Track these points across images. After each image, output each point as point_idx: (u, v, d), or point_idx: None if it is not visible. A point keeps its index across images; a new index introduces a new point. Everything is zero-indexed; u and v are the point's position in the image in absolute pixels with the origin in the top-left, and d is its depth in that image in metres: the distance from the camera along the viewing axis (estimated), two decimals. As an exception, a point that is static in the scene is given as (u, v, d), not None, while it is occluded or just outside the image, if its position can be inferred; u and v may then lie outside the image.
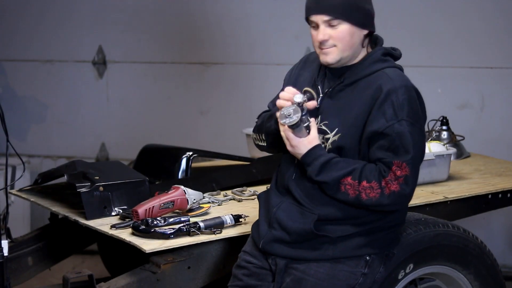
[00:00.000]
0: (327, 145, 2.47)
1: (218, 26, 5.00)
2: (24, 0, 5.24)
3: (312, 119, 2.45)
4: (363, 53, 2.51)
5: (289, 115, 2.39)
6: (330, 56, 2.46)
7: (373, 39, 2.55)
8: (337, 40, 2.44)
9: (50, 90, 5.29)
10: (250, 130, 4.23)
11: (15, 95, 5.31)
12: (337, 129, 2.46)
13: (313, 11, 2.45)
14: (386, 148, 2.38)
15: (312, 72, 2.60)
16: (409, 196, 2.42)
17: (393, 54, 2.54)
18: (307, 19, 2.50)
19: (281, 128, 2.46)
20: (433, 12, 4.69)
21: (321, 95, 2.52)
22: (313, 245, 2.49)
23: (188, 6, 5.05)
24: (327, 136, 2.47)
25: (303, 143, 2.43)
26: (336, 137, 2.45)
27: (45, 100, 5.30)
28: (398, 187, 2.36)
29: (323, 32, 2.43)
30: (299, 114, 2.38)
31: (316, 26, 2.46)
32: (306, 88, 2.47)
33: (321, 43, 2.45)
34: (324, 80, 2.55)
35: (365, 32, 2.48)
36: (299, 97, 2.41)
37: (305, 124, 2.43)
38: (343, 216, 2.46)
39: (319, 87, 2.54)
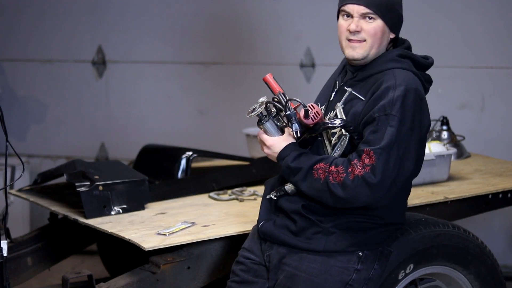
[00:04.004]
0: (334, 140, 2.50)
1: (218, 26, 5.00)
2: (24, 0, 5.24)
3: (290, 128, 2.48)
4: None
5: (253, 110, 2.47)
6: (358, 51, 2.49)
7: (400, 42, 2.59)
8: (368, 35, 2.47)
9: (50, 90, 5.28)
10: (250, 130, 4.26)
11: (15, 95, 5.31)
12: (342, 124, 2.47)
13: (352, 0, 2.47)
14: (366, 138, 2.39)
15: (338, 71, 2.68)
16: (378, 187, 2.34)
17: (415, 59, 2.54)
18: (340, 8, 2.53)
19: (257, 135, 2.56)
20: (433, 12, 4.69)
21: (336, 88, 2.59)
22: (307, 236, 2.50)
23: (187, 6, 5.04)
24: (334, 130, 2.50)
25: (278, 141, 2.49)
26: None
27: (44, 100, 5.30)
28: (363, 171, 2.34)
29: (357, 23, 2.47)
30: (263, 107, 2.46)
31: (348, 16, 2.50)
32: (280, 91, 2.51)
33: (352, 34, 2.47)
34: (344, 76, 2.60)
35: (392, 35, 2.53)
36: (262, 98, 2.50)
37: (277, 123, 2.50)
38: (328, 211, 2.47)
39: (336, 82, 2.61)
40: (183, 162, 3.58)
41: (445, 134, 4.10)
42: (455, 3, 4.66)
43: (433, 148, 3.54)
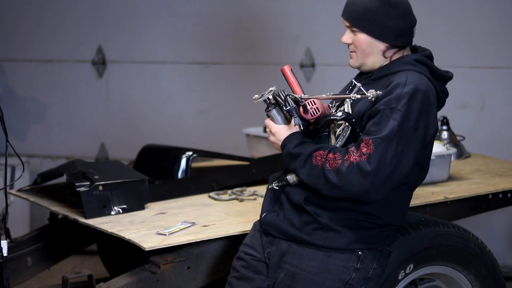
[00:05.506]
0: (338, 131, 2.52)
1: (218, 26, 5.00)
2: (24, 0, 5.24)
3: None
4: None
5: (262, 95, 2.51)
6: (351, 60, 2.61)
7: (419, 50, 2.63)
8: (356, 47, 2.56)
9: (50, 90, 5.28)
10: (250, 130, 4.27)
11: (15, 95, 5.31)
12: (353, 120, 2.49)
13: (342, 14, 2.57)
14: (367, 129, 2.40)
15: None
16: (371, 176, 2.33)
17: (431, 67, 2.56)
18: None
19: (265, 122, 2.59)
20: (433, 12, 4.69)
21: (351, 86, 2.61)
22: (308, 231, 2.51)
23: (187, 6, 5.04)
24: (339, 123, 2.51)
25: (283, 129, 2.53)
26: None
27: (44, 100, 5.30)
28: (358, 159, 2.34)
29: (347, 35, 2.57)
30: (272, 92, 2.50)
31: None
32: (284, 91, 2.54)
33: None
34: (361, 76, 2.64)
35: (385, 44, 2.53)
36: (272, 87, 2.54)
37: (285, 113, 2.51)
38: (330, 203, 2.48)
39: (353, 80, 2.63)
40: (183, 162, 3.58)
41: (445, 134, 4.10)
42: (455, 3, 4.66)
43: (433, 148, 3.53)
